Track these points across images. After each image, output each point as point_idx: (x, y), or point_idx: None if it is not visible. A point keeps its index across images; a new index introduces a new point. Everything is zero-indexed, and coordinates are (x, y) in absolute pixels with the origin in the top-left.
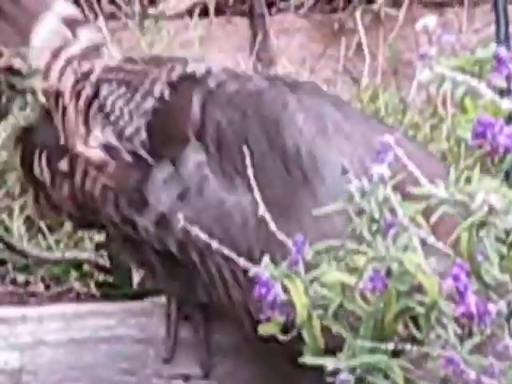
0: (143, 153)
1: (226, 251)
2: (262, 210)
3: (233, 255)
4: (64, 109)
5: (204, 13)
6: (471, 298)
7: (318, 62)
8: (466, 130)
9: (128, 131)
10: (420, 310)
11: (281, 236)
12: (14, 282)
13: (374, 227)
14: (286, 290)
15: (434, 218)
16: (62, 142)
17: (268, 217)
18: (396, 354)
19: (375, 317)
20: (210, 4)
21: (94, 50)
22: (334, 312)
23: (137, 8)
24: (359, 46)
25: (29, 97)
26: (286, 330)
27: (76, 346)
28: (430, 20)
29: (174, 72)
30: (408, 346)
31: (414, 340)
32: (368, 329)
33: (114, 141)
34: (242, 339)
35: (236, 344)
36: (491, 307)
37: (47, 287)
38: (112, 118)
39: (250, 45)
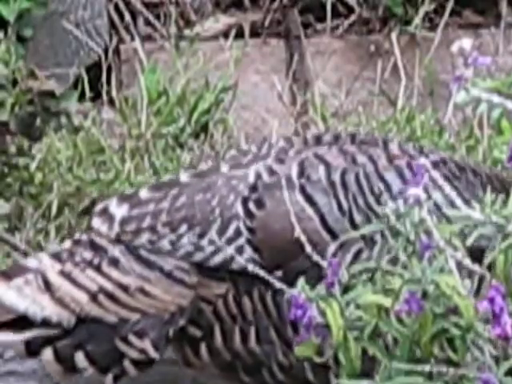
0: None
1: (263, 274)
2: (298, 232)
3: (269, 277)
4: None
5: (240, 34)
6: (507, 320)
7: (353, 83)
8: (503, 151)
9: (217, 259)
10: (456, 331)
11: (316, 258)
12: None
13: (410, 249)
14: (321, 312)
15: (470, 240)
16: None
17: (303, 239)
18: (432, 376)
19: (411, 339)
20: (245, 25)
21: None
22: (370, 334)
23: (173, 30)
24: (395, 67)
25: (63, 119)
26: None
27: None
28: (465, 42)
29: (238, 188)
30: (444, 368)
31: (450, 362)
32: (404, 351)
33: None
34: None
35: None
36: None
37: None
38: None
39: (285, 66)
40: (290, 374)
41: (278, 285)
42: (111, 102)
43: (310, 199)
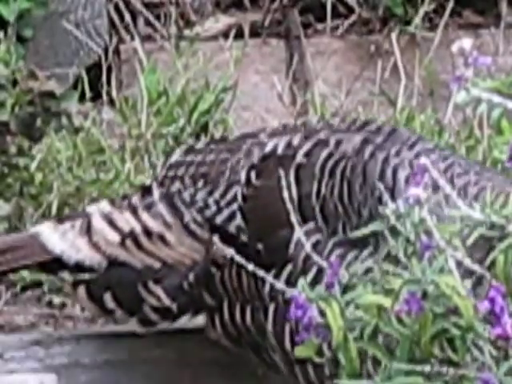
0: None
1: (262, 273)
2: (299, 232)
3: (269, 278)
4: None
5: (239, 34)
6: (507, 321)
7: (354, 83)
8: (503, 151)
9: (219, 219)
10: (456, 332)
11: (317, 258)
12: (49, 304)
13: (410, 249)
14: (321, 312)
15: (470, 241)
16: None
17: (304, 239)
18: (432, 376)
19: (411, 339)
20: (245, 26)
21: None
22: (370, 334)
23: (173, 30)
24: (395, 67)
25: (63, 119)
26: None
27: (112, 367)
28: (465, 42)
29: (254, 155)
30: (444, 368)
31: (450, 362)
32: (404, 351)
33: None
34: None
35: None
36: None
37: (83, 309)
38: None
39: (285, 66)
40: (283, 357)
41: (279, 285)
42: (111, 102)
43: (298, 179)
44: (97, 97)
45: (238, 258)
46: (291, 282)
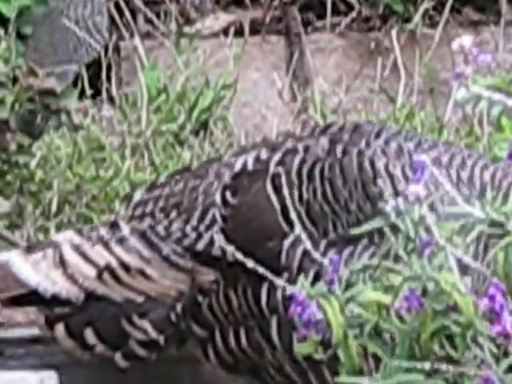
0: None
1: (262, 270)
2: (298, 229)
3: (269, 274)
4: None
5: (240, 32)
6: (507, 318)
7: (354, 80)
8: (502, 148)
9: (201, 245)
10: (456, 329)
11: (316, 255)
12: None
13: (410, 246)
14: (321, 309)
15: (470, 238)
16: None
17: (304, 236)
18: (432, 373)
19: (411, 336)
20: (245, 23)
21: None
22: (370, 331)
23: (173, 27)
24: (395, 65)
25: (63, 117)
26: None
27: (111, 365)
28: (465, 39)
29: (224, 176)
30: (444, 366)
31: (450, 359)
32: (404, 348)
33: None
34: None
35: None
36: None
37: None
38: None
39: (286, 64)
40: (284, 374)
41: (278, 282)
42: (111, 99)
43: (276, 189)
44: (97, 94)
45: (244, 259)
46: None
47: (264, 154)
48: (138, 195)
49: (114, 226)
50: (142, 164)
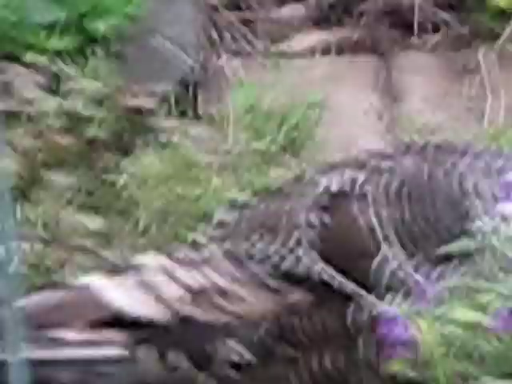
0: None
1: (353, 286)
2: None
3: (359, 293)
4: None
5: (328, 50)
6: None
7: (443, 99)
8: None
9: (286, 265)
10: None
11: (405, 274)
12: None
13: (501, 265)
14: (412, 326)
15: None
16: None
17: (391, 254)
18: None
19: (505, 355)
20: (334, 41)
21: None
22: (462, 349)
23: (261, 45)
24: (483, 83)
25: (152, 135)
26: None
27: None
28: None
29: (307, 197)
30: None
31: None
32: (498, 366)
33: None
34: None
35: None
36: None
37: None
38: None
39: (374, 82)
40: None
41: (369, 299)
42: (199, 117)
43: (363, 209)
44: (185, 112)
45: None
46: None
47: (348, 174)
48: (221, 216)
49: (199, 247)
50: (229, 183)
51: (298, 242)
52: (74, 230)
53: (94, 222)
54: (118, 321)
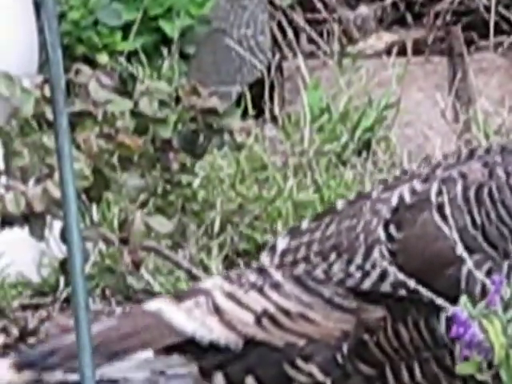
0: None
1: (424, 291)
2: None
3: (431, 294)
4: None
5: (402, 52)
6: None
7: None
8: None
9: (367, 283)
10: None
11: (479, 275)
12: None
13: None
14: (483, 329)
15: None
16: None
17: (466, 255)
18: None
19: None
20: (408, 43)
21: None
22: None
23: (336, 47)
24: None
25: (226, 136)
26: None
27: None
28: None
29: (382, 212)
30: None
31: None
32: None
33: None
34: None
35: None
36: None
37: None
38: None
39: (448, 83)
40: None
41: (439, 302)
42: (274, 119)
43: (445, 218)
44: (259, 114)
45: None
46: None
47: (419, 186)
48: (282, 242)
49: (263, 272)
50: (304, 184)
51: (380, 258)
52: (147, 231)
53: (166, 225)
54: (190, 347)
